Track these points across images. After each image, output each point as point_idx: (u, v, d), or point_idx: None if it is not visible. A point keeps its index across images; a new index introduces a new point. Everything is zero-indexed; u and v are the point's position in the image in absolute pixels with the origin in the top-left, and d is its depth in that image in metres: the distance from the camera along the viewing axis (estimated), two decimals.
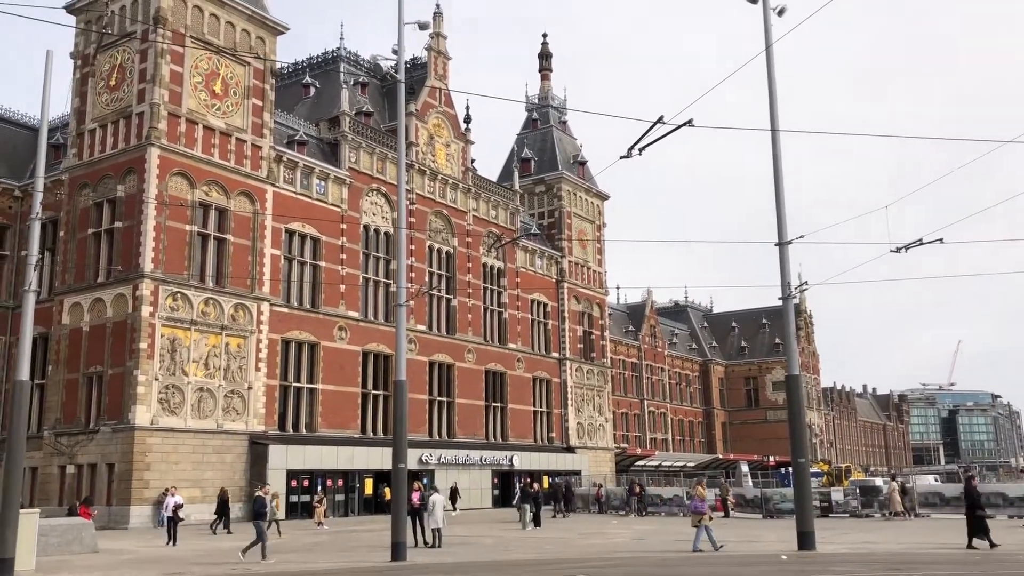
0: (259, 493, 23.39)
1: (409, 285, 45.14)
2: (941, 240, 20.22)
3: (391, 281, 47.90)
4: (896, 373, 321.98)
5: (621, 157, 15.08)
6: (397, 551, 20.79)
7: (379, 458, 42.12)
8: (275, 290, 42.49)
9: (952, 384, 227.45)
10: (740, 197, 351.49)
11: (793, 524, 23.17)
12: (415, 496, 25.91)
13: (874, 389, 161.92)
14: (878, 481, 52.71)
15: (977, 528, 21.19)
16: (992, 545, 20.65)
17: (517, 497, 39.90)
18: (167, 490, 32.23)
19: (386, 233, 49.40)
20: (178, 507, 25.60)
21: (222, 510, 32.49)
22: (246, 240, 41.28)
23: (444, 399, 52.71)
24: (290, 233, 44.14)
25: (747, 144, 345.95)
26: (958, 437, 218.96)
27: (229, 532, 31.60)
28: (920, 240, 20.45)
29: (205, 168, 39.79)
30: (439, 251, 53.93)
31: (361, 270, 48.02)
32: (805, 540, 21.54)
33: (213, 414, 38.54)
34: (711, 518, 22.86)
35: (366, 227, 48.68)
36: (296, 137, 45.85)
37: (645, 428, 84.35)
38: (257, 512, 22.56)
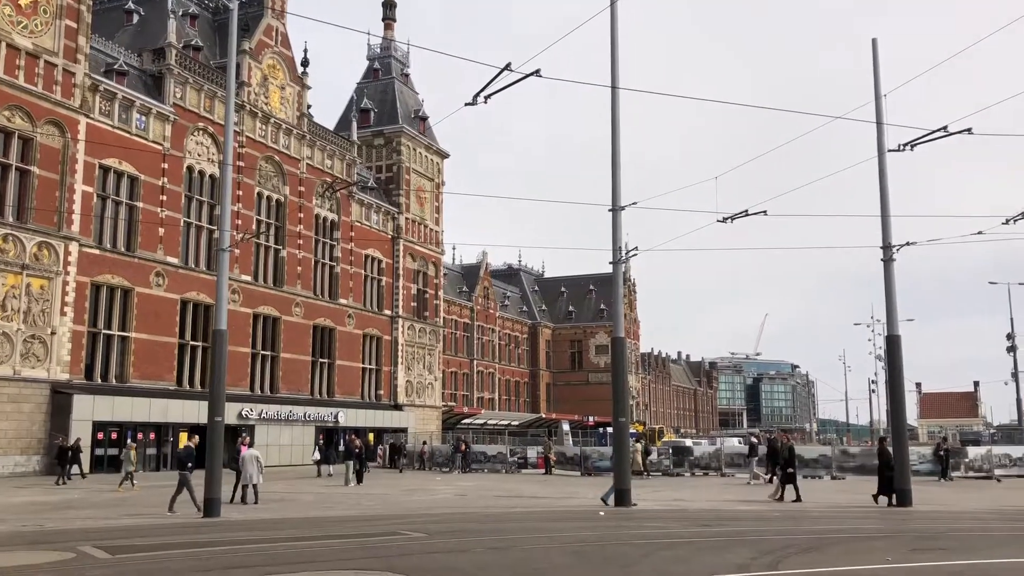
0: (188, 443, 22.24)
1: (234, 232, 43.12)
2: (765, 212, 21.12)
3: (215, 227, 45.54)
4: (709, 341, 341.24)
5: (466, 104, 14.68)
6: (210, 507, 19.84)
7: (195, 411, 40.21)
8: (86, 230, 39.44)
9: (758, 354, 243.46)
10: (583, 167, 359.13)
11: (609, 481, 23.92)
12: (243, 450, 25.05)
13: (688, 356, 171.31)
14: (688, 442, 55.72)
15: (884, 486, 22.64)
16: (891, 503, 22.13)
17: (318, 453, 40.46)
18: None
19: (211, 176, 46.85)
20: None
21: (63, 460, 32.48)
22: (54, 174, 37.97)
23: (269, 353, 51.00)
24: (105, 169, 41.03)
25: (591, 113, 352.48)
26: (760, 403, 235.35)
27: (68, 481, 31.48)
28: (746, 211, 21.28)
29: (7, 91, 36.14)
30: (269, 199, 51.77)
31: (183, 214, 45.38)
32: (622, 496, 22.26)
33: (10, 360, 35.45)
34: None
35: (190, 168, 45.98)
36: (115, 66, 42.49)
37: (473, 387, 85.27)
38: (182, 463, 21.33)
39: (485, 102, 14.53)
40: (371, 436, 55.89)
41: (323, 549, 13.93)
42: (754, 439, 40.06)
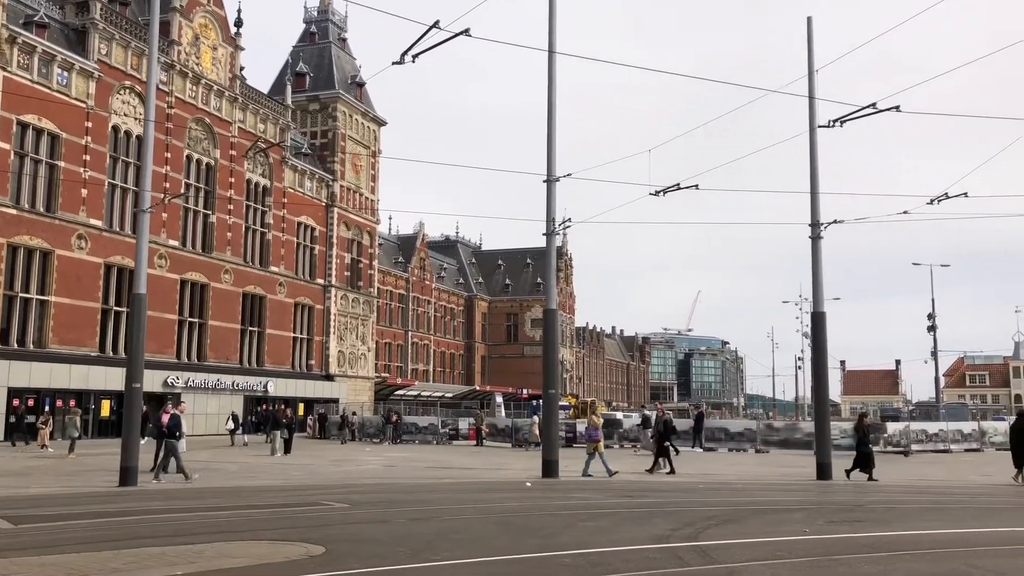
0: (175, 411, 22.09)
1: (156, 193, 41.81)
2: (696, 186, 21.19)
3: None
4: (642, 317, 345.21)
5: (393, 63, 14.27)
6: (127, 476, 19.25)
7: (118, 378, 38.89)
8: (2, 189, 37.86)
9: (690, 330, 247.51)
10: (521, 140, 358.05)
11: (539, 454, 23.91)
12: (165, 418, 24.36)
13: (621, 331, 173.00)
14: (619, 415, 56.32)
15: (860, 462, 22.73)
16: (871, 479, 22.09)
17: (232, 423, 40.15)
18: None
19: (138, 137, 45.18)
20: None
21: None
22: None
23: (196, 320, 49.82)
24: (23, 126, 39.35)
25: (531, 80, 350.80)
26: (691, 378, 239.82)
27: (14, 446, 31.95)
28: (678, 185, 21.31)
29: None
30: (199, 162, 50.34)
31: (108, 175, 43.86)
32: (549, 468, 22.33)
33: None
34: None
35: (116, 128, 44.41)
36: (35, 18, 40.64)
37: (408, 359, 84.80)
38: (171, 430, 21.32)
39: (413, 61, 14.15)
40: (301, 406, 55.28)
41: (239, 519, 13.58)
42: (648, 412, 41.54)
